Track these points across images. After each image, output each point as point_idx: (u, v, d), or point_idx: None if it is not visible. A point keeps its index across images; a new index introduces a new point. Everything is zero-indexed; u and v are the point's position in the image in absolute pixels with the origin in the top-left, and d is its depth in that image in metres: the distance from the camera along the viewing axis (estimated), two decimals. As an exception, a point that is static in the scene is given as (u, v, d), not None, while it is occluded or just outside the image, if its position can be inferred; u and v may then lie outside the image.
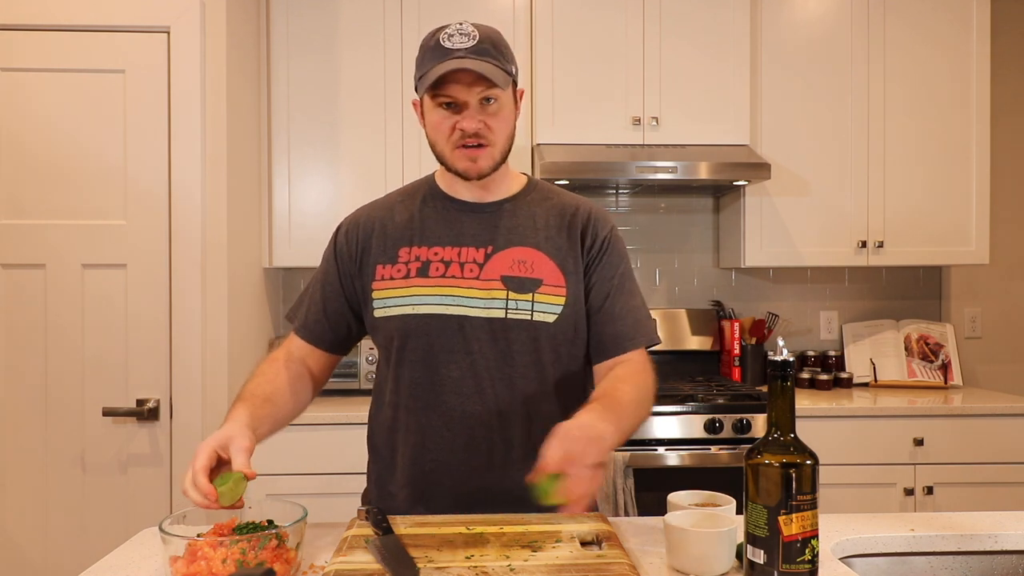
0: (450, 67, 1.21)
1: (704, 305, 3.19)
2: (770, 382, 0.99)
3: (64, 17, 2.29)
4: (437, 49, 1.24)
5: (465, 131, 1.25)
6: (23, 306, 2.30)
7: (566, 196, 1.40)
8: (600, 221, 1.36)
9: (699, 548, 1.03)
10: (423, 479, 1.31)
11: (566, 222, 1.34)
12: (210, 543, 0.97)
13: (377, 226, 1.36)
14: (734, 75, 2.81)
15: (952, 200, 2.90)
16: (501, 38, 1.28)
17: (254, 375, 1.31)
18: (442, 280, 1.29)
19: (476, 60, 1.22)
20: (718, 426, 2.50)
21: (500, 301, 1.27)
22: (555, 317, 1.28)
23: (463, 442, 1.29)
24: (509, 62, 1.28)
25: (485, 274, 1.29)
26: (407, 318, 1.29)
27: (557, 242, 1.33)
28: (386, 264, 1.32)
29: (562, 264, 1.31)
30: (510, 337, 1.27)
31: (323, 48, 2.74)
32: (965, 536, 1.20)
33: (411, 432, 1.31)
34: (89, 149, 2.31)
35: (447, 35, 1.24)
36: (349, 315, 1.38)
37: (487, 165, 1.29)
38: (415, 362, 1.30)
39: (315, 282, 1.41)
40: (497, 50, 1.25)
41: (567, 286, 1.30)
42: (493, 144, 1.28)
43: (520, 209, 1.35)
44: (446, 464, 1.30)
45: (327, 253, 1.41)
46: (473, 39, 1.23)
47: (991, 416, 2.58)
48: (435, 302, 1.28)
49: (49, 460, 2.31)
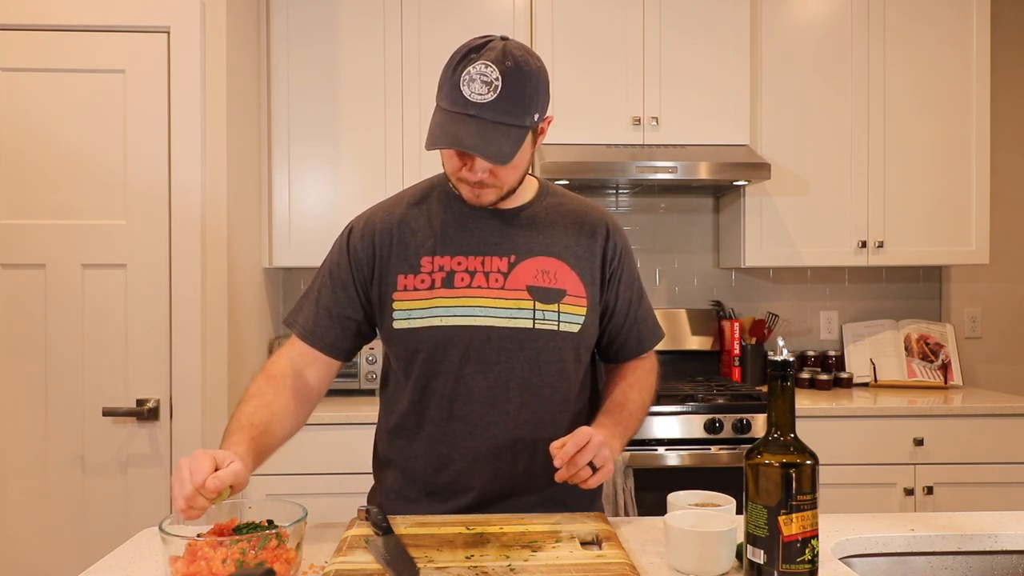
0: (457, 143, 1.15)
1: (704, 305, 3.19)
2: (770, 382, 0.99)
3: (64, 17, 2.29)
4: (455, 94, 1.16)
5: (469, 180, 1.24)
6: (23, 306, 2.30)
7: (577, 201, 1.40)
8: (617, 231, 1.40)
9: (699, 548, 1.03)
10: (446, 488, 1.31)
11: (585, 232, 1.36)
12: (210, 543, 0.96)
13: (395, 232, 1.32)
14: (734, 75, 2.81)
15: (952, 200, 2.90)
16: (528, 79, 1.17)
17: (252, 394, 1.25)
18: (468, 291, 1.27)
19: (487, 129, 1.15)
20: (718, 426, 2.50)
21: (527, 311, 1.28)
22: (579, 327, 1.31)
23: (487, 451, 1.29)
24: (531, 109, 1.19)
25: (510, 284, 1.28)
26: (434, 330, 1.27)
27: (576, 251, 1.34)
28: (408, 274, 1.29)
29: (581, 274, 1.33)
30: (537, 347, 1.28)
31: (323, 47, 2.74)
32: (965, 536, 1.20)
33: (433, 442, 1.30)
34: (89, 149, 2.31)
35: (469, 77, 1.15)
36: (362, 320, 1.34)
37: (490, 200, 1.28)
38: (441, 373, 1.28)
39: (322, 286, 1.34)
40: (517, 102, 1.16)
41: (587, 296, 1.32)
42: (499, 186, 1.26)
43: (538, 217, 1.35)
44: (469, 473, 1.29)
45: (338, 256, 1.35)
46: (494, 91, 1.14)
47: (991, 416, 2.58)
48: (462, 313, 1.27)
49: (49, 460, 2.31)
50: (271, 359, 1.33)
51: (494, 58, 1.15)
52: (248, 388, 1.27)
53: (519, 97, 1.16)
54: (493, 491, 1.29)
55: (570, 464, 1.14)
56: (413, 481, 1.33)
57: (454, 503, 1.30)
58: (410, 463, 1.33)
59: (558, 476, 1.16)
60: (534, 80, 1.18)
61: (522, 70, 1.17)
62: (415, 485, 1.33)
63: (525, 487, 1.30)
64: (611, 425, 1.28)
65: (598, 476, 1.16)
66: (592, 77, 2.78)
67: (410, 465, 1.33)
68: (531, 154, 1.28)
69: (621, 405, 1.33)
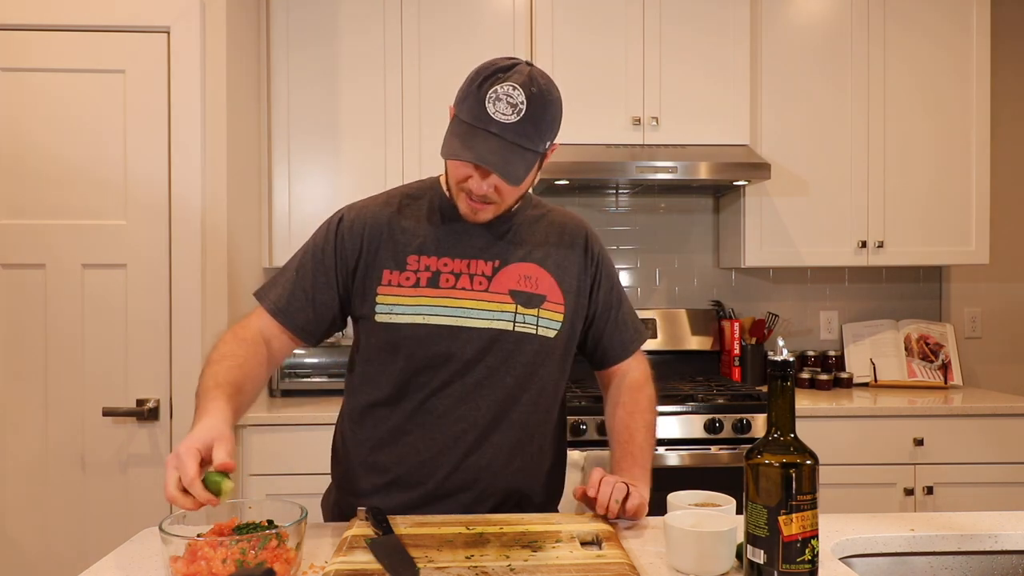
0: (477, 158, 1.19)
1: (704, 305, 3.19)
2: (770, 382, 0.99)
3: (64, 17, 2.29)
4: (479, 111, 1.19)
5: (474, 192, 1.26)
6: (23, 306, 2.30)
7: (558, 212, 1.46)
8: (594, 238, 1.46)
9: (699, 548, 1.04)
10: (406, 478, 1.33)
11: (565, 242, 1.41)
12: (210, 543, 0.97)
13: (385, 229, 1.35)
14: (734, 75, 2.81)
15: (952, 200, 2.90)
16: (549, 108, 1.22)
17: (224, 355, 1.25)
18: (452, 291, 1.31)
19: (505, 149, 1.19)
20: (718, 426, 2.50)
21: (509, 315, 1.32)
22: (555, 333, 1.35)
23: (452, 444, 1.31)
24: (547, 136, 1.24)
25: (494, 287, 1.32)
26: (417, 327, 1.30)
27: (556, 259, 1.39)
28: (394, 270, 1.32)
29: (561, 282, 1.37)
30: (515, 349, 1.32)
31: (323, 47, 2.74)
32: (965, 536, 1.20)
33: (399, 431, 1.33)
34: (89, 149, 2.31)
35: (495, 96, 1.19)
36: (336, 308, 1.36)
37: (486, 219, 1.32)
38: (419, 369, 1.31)
39: (302, 267, 1.35)
40: (537, 128, 1.21)
41: (565, 304, 1.37)
42: (500, 204, 1.29)
43: (523, 225, 1.39)
44: (434, 463, 1.32)
45: (323, 242, 1.36)
46: (518, 114, 1.18)
47: (991, 416, 2.58)
48: (446, 313, 1.30)
49: (49, 460, 2.31)
50: (239, 324, 1.33)
51: (522, 82, 1.19)
52: (217, 348, 1.27)
53: (539, 123, 1.21)
54: (451, 484, 1.31)
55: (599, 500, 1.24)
56: (372, 469, 1.35)
57: (412, 492, 1.32)
58: (372, 452, 1.35)
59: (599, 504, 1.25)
60: (553, 109, 1.24)
61: (545, 98, 1.22)
62: (373, 474, 1.34)
63: (485, 482, 1.32)
64: (629, 468, 1.36)
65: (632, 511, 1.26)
66: (592, 77, 2.78)
67: (371, 453, 1.35)
68: (535, 175, 1.32)
69: (632, 442, 1.40)
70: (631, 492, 1.25)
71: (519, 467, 1.35)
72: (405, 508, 1.30)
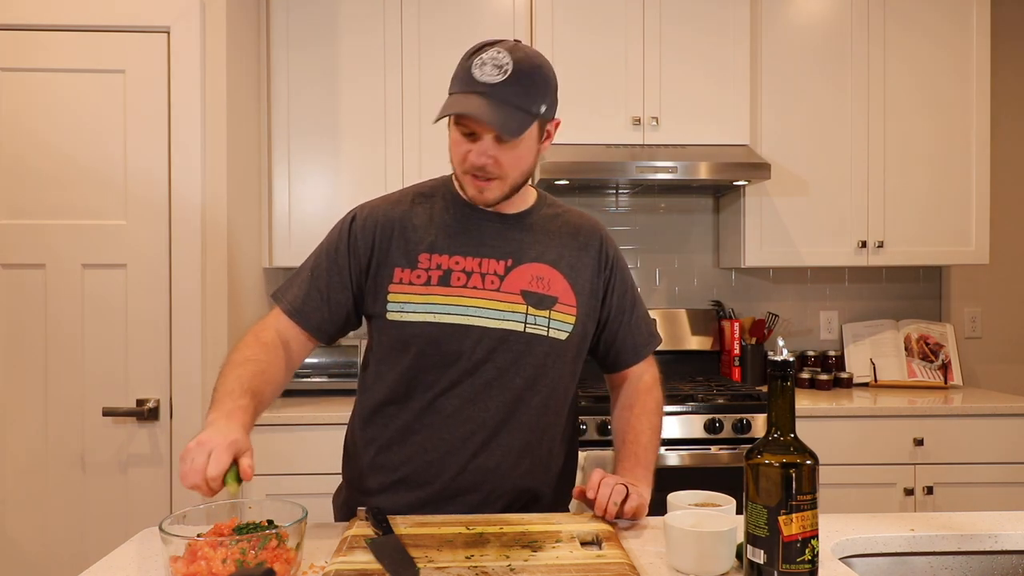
0: (465, 109, 1.20)
1: (704, 305, 3.19)
2: (770, 382, 0.99)
3: (64, 17, 2.29)
4: (467, 76, 1.22)
5: (474, 164, 1.26)
6: (23, 306, 2.30)
7: (573, 213, 1.45)
8: (609, 240, 1.45)
9: (699, 548, 1.03)
10: (414, 477, 1.33)
11: (579, 243, 1.40)
12: (210, 543, 0.97)
13: (397, 227, 1.35)
14: (734, 75, 2.81)
15: (952, 200, 2.90)
16: (537, 71, 1.24)
17: (247, 359, 1.25)
18: (463, 290, 1.30)
19: (494, 105, 1.19)
20: (718, 426, 2.50)
21: (520, 315, 1.31)
22: (566, 335, 1.34)
23: (460, 445, 1.31)
24: (539, 99, 1.24)
25: (505, 287, 1.32)
26: (428, 325, 1.29)
27: (570, 261, 1.38)
28: (405, 268, 1.32)
29: (574, 284, 1.36)
30: (525, 350, 1.31)
31: (323, 47, 2.74)
32: (965, 536, 1.20)
33: (408, 431, 1.33)
34: (89, 149, 2.31)
35: (481, 62, 1.21)
36: (351, 307, 1.36)
37: (493, 197, 1.30)
38: (429, 367, 1.31)
39: (317, 268, 1.36)
40: (526, 88, 1.21)
41: (578, 306, 1.36)
42: (503, 178, 1.28)
43: (536, 224, 1.39)
44: (441, 464, 1.31)
45: (337, 242, 1.36)
46: (504, 73, 1.20)
47: (991, 416, 2.58)
48: (457, 312, 1.30)
49: (49, 460, 2.31)
50: (258, 326, 1.34)
51: (507, 47, 1.22)
52: (239, 350, 1.27)
53: (528, 83, 1.22)
54: (459, 484, 1.31)
55: (598, 502, 1.24)
56: (380, 468, 1.35)
57: (420, 492, 1.32)
58: (381, 451, 1.35)
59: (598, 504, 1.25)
60: (542, 73, 1.25)
61: (532, 61, 1.23)
62: (381, 472, 1.35)
63: (493, 483, 1.32)
64: (632, 468, 1.37)
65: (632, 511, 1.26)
66: (592, 77, 2.78)
67: (379, 452, 1.35)
68: (536, 154, 1.31)
69: (636, 443, 1.40)
70: (631, 493, 1.25)
71: (528, 469, 1.34)
72: (412, 508, 1.30)
